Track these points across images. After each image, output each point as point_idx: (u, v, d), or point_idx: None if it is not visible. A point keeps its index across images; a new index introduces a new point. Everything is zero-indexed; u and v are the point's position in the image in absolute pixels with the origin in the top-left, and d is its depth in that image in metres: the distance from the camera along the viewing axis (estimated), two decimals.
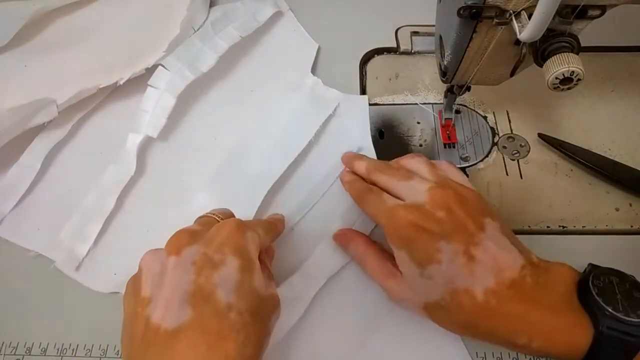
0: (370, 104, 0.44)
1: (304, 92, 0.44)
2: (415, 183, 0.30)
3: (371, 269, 0.33)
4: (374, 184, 0.33)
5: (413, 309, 0.31)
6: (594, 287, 0.27)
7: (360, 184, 0.35)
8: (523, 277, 0.28)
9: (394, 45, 0.49)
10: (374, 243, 0.34)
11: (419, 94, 0.46)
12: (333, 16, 0.50)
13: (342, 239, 0.36)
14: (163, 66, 0.42)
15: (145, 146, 0.42)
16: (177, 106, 0.41)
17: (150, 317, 0.25)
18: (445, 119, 0.42)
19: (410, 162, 0.33)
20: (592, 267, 0.29)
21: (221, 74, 0.46)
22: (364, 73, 0.47)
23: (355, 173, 0.36)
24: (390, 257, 0.32)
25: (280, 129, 0.41)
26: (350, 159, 0.38)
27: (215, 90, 0.45)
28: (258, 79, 0.46)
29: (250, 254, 0.28)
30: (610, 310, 0.26)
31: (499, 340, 0.28)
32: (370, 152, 0.40)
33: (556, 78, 0.27)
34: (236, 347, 0.25)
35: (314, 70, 0.46)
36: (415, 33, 0.49)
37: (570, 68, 0.26)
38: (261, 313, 0.27)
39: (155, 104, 0.41)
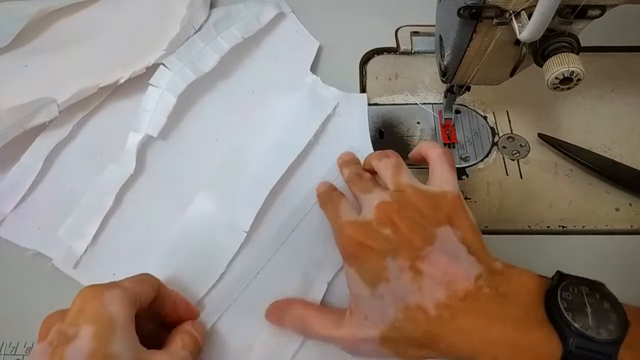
0: (370, 104, 0.44)
1: (304, 90, 0.44)
2: (372, 197, 0.30)
3: (317, 325, 0.30)
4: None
5: (373, 349, 0.28)
6: (563, 300, 0.25)
7: (325, 195, 0.36)
8: (479, 288, 0.26)
9: (394, 45, 0.49)
10: (311, 303, 0.33)
11: (419, 94, 0.46)
12: (333, 16, 0.50)
13: (276, 312, 0.33)
14: (164, 65, 0.42)
15: (146, 145, 0.42)
16: (178, 106, 0.41)
17: None
18: (445, 119, 0.42)
19: (379, 165, 0.33)
20: (560, 277, 0.26)
21: (222, 74, 0.46)
22: (364, 73, 0.47)
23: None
24: (330, 309, 0.32)
25: (280, 129, 0.41)
26: (340, 166, 0.38)
27: (216, 90, 0.45)
28: (259, 79, 0.46)
29: (110, 314, 0.26)
30: (579, 328, 0.24)
31: None
32: (369, 151, 0.40)
33: (556, 78, 0.27)
34: None
35: (314, 70, 0.46)
36: (415, 33, 0.49)
37: (570, 68, 0.26)
38: None
39: (156, 103, 0.41)
